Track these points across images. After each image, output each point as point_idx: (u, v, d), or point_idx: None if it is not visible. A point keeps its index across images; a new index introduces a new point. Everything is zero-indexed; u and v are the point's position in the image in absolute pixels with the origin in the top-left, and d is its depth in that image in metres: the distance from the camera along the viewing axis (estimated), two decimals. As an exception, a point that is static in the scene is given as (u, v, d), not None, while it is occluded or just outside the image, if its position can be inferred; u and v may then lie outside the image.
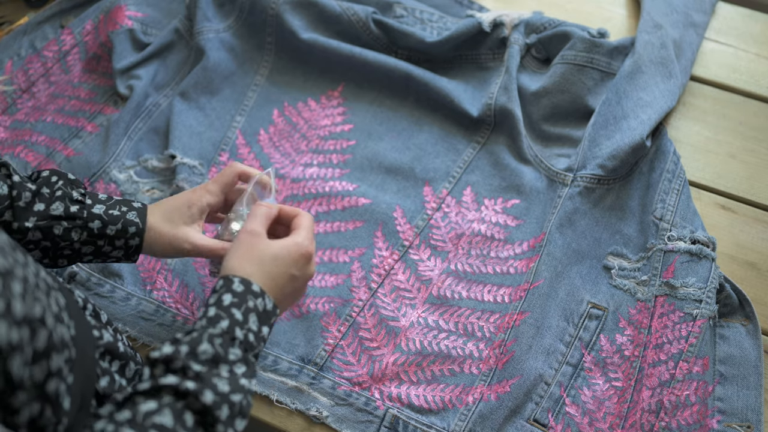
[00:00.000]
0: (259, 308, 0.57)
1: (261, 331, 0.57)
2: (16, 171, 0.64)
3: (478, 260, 0.83)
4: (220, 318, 0.55)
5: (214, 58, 0.98)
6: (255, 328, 0.56)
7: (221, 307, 0.56)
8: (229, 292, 0.57)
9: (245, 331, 0.55)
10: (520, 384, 0.72)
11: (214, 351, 0.52)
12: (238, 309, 0.56)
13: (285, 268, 0.61)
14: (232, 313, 0.56)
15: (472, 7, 1.06)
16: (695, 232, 0.79)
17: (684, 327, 0.73)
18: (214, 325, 0.54)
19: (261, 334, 0.57)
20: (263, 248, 0.61)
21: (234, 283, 0.58)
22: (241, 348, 0.55)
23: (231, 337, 0.54)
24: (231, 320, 0.55)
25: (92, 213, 0.64)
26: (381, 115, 0.97)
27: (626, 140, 0.84)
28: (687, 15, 0.99)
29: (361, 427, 0.71)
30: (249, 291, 0.58)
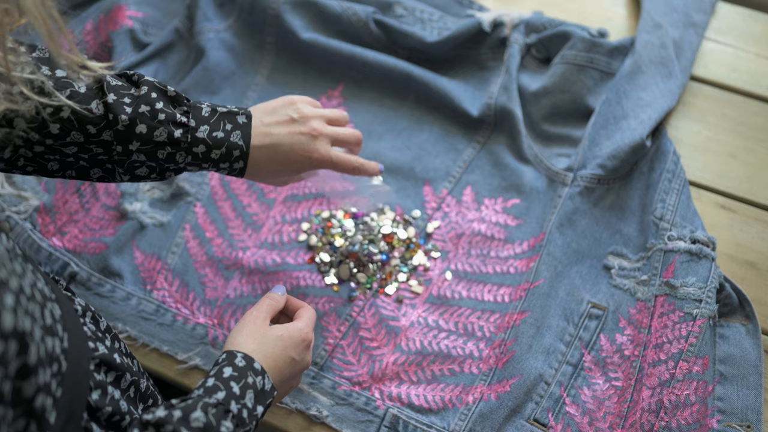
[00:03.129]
0: (257, 386, 0.57)
1: (255, 409, 0.57)
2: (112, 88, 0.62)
3: (478, 260, 0.83)
4: (218, 389, 0.55)
5: (215, 58, 0.98)
6: (250, 405, 0.56)
7: (220, 379, 0.56)
8: (230, 365, 0.57)
9: (240, 406, 0.55)
10: (521, 384, 0.72)
11: (207, 420, 0.52)
12: (236, 383, 0.56)
13: (286, 351, 0.61)
14: (230, 386, 0.55)
15: (472, 7, 1.06)
16: (695, 231, 0.79)
17: (684, 327, 0.73)
18: (210, 395, 0.54)
19: (255, 413, 0.57)
20: (267, 330, 0.62)
21: (237, 357, 0.58)
22: (233, 422, 0.54)
23: (225, 409, 0.54)
24: (228, 393, 0.55)
25: (196, 137, 0.64)
26: (381, 115, 0.97)
27: (626, 140, 0.84)
28: (687, 15, 0.99)
29: (361, 426, 0.71)
30: (250, 367, 0.58)
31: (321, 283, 0.82)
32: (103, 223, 0.87)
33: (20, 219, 0.85)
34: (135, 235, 0.85)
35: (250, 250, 0.85)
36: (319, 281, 0.82)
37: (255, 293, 0.81)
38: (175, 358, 0.77)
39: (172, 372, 0.76)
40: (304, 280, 0.82)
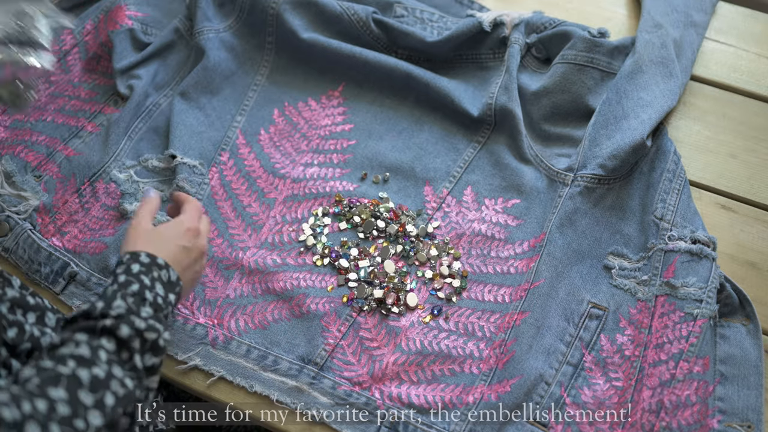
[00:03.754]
0: (163, 278, 0.64)
1: (168, 297, 0.64)
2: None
3: (478, 260, 0.83)
4: (131, 283, 0.61)
5: (215, 58, 0.98)
6: (162, 293, 0.63)
7: (131, 275, 0.62)
8: (137, 263, 0.63)
9: (153, 294, 0.62)
10: (521, 384, 0.72)
11: (127, 306, 0.59)
12: (146, 276, 0.63)
13: (175, 242, 0.68)
14: (141, 279, 0.62)
15: (472, 7, 1.06)
16: (696, 231, 0.79)
17: (684, 327, 0.73)
18: (126, 288, 0.61)
19: (168, 299, 0.64)
20: (152, 231, 0.68)
21: (141, 255, 0.64)
22: (152, 308, 0.61)
23: (142, 297, 0.61)
24: (141, 285, 0.62)
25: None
26: (381, 115, 0.97)
27: (627, 140, 0.84)
28: (687, 15, 0.99)
29: (361, 427, 0.71)
30: (154, 263, 0.64)
31: (321, 284, 0.82)
32: (102, 223, 0.87)
33: (20, 219, 0.85)
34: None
35: (250, 250, 0.85)
36: (319, 281, 0.82)
37: (255, 293, 0.81)
38: (175, 358, 0.76)
39: (172, 372, 0.76)
40: (305, 281, 0.82)
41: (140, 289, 0.61)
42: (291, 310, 0.80)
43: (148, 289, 0.62)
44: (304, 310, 0.79)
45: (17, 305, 0.61)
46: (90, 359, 0.53)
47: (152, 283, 0.63)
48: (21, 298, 0.62)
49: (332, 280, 0.82)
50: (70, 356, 0.53)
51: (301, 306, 0.80)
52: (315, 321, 0.78)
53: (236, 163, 0.93)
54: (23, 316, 0.61)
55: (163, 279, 0.64)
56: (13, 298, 0.61)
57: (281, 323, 0.79)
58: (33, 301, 0.64)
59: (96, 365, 0.53)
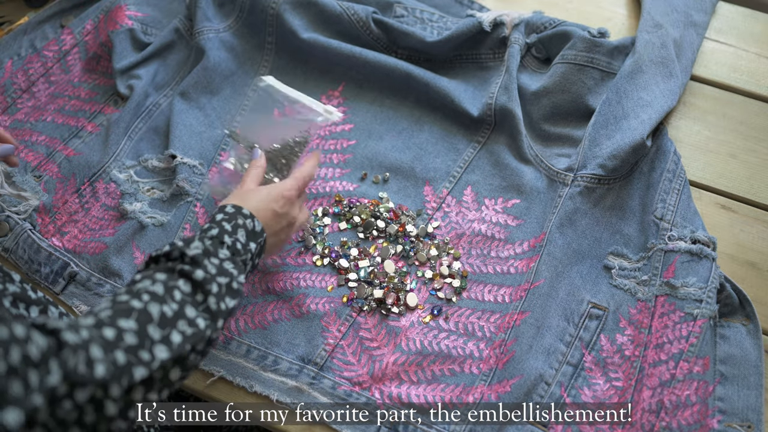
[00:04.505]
0: (248, 227, 0.66)
1: (248, 245, 0.66)
2: None
3: (478, 260, 0.83)
4: (212, 227, 0.65)
5: (215, 58, 0.98)
6: (243, 240, 0.65)
7: (213, 222, 0.65)
8: (221, 212, 0.67)
9: (233, 239, 0.64)
10: (521, 384, 0.72)
11: (204, 247, 0.61)
12: (228, 223, 0.65)
13: (267, 204, 0.69)
14: (222, 225, 0.65)
15: (472, 7, 1.06)
16: (696, 231, 0.79)
17: (684, 327, 0.73)
18: (206, 232, 0.64)
19: (248, 247, 0.65)
20: (249, 190, 0.71)
21: (226, 207, 0.67)
22: (230, 251, 0.63)
23: (220, 240, 0.63)
24: (221, 229, 0.64)
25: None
26: (381, 115, 0.97)
27: (627, 140, 0.84)
28: (687, 14, 0.99)
29: (361, 427, 0.71)
30: (239, 213, 0.67)
31: (321, 284, 0.82)
32: (102, 223, 0.87)
33: (20, 219, 0.85)
34: (135, 235, 0.85)
35: (250, 250, 0.85)
36: (319, 281, 0.82)
37: (255, 293, 0.81)
38: (175, 358, 0.76)
39: (172, 372, 0.76)
40: (305, 281, 0.82)
41: (219, 233, 0.64)
42: (291, 310, 0.80)
43: (228, 234, 0.64)
44: (304, 310, 0.79)
45: (20, 299, 0.62)
46: (162, 297, 0.56)
47: (234, 229, 0.65)
48: (22, 293, 0.63)
49: (332, 280, 0.82)
50: (145, 291, 0.56)
51: (301, 306, 0.79)
52: (315, 321, 0.78)
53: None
54: (26, 310, 0.62)
55: (247, 227, 0.66)
56: (14, 292, 0.62)
57: (281, 323, 0.79)
58: (35, 296, 0.64)
59: (167, 303, 0.55)
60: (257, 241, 0.67)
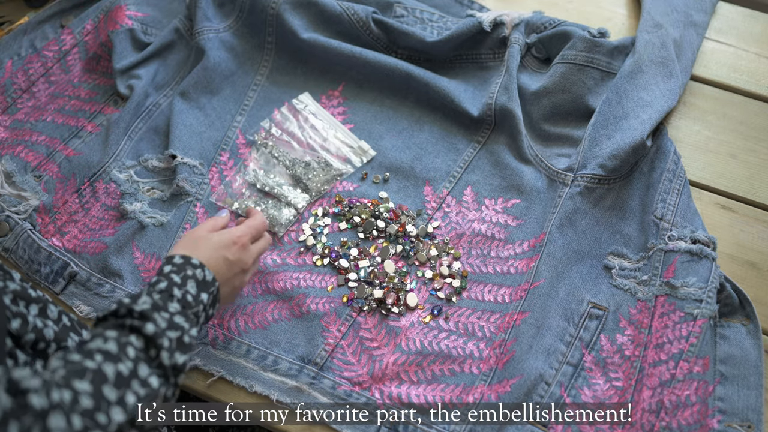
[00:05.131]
0: (198, 277, 0.64)
1: (200, 296, 0.63)
2: None
3: (478, 260, 0.83)
4: (160, 281, 0.62)
5: (215, 58, 0.98)
6: (194, 291, 0.63)
7: (161, 274, 0.63)
8: (169, 264, 0.64)
9: (183, 292, 0.62)
10: (521, 384, 0.72)
11: (153, 302, 0.59)
12: (176, 275, 0.63)
13: (218, 252, 0.67)
14: (171, 278, 0.63)
15: (472, 7, 1.06)
16: (696, 231, 0.79)
17: (684, 327, 0.73)
18: (154, 286, 0.62)
19: (200, 298, 0.63)
20: (199, 237, 0.69)
21: (174, 257, 0.65)
22: (180, 304, 0.61)
23: (169, 294, 0.61)
24: (169, 282, 0.62)
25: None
26: (381, 115, 0.97)
27: (627, 140, 0.84)
28: (687, 14, 0.99)
29: (361, 427, 0.71)
30: (188, 263, 0.65)
31: (321, 284, 0.82)
32: (102, 223, 0.87)
33: (20, 219, 0.85)
34: (135, 235, 0.85)
35: (250, 250, 0.85)
36: (319, 281, 0.82)
37: (255, 293, 0.81)
38: (175, 358, 0.76)
39: (172, 372, 0.76)
40: (305, 281, 0.82)
41: (168, 287, 0.62)
42: (291, 310, 0.80)
43: (177, 287, 0.62)
44: (304, 310, 0.79)
45: (19, 297, 0.62)
46: (116, 355, 0.54)
47: (183, 281, 0.63)
48: (23, 291, 0.63)
49: (332, 280, 0.82)
50: (98, 351, 0.53)
51: (301, 306, 0.80)
52: (315, 321, 0.78)
53: (236, 163, 0.93)
54: (26, 308, 0.62)
55: (197, 277, 0.64)
56: (15, 290, 0.62)
57: (281, 323, 0.79)
58: (35, 294, 0.64)
59: (122, 361, 0.54)
60: (209, 291, 0.65)
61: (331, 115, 0.97)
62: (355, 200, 0.88)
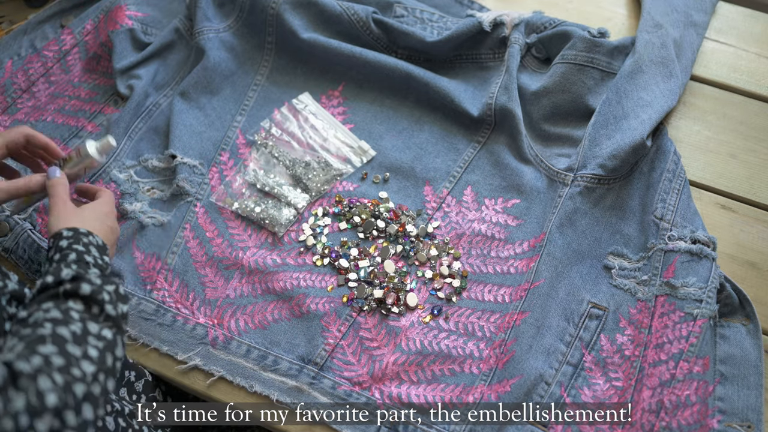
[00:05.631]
0: (94, 242, 0.66)
1: (104, 259, 0.65)
2: None
3: (478, 260, 0.83)
4: (67, 255, 0.63)
5: (215, 58, 0.98)
6: (99, 255, 0.65)
7: (62, 250, 0.63)
8: (62, 239, 0.65)
9: (93, 258, 0.64)
10: (521, 384, 0.72)
11: (75, 271, 0.60)
12: (77, 245, 0.64)
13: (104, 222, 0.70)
14: (75, 248, 0.64)
15: (472, 7, 1.06)
16: (696, 231, 0.79)
17: (684, 327, 0.73)
18: (65, 259, 0.62)
19: (106, 262, 0.65)
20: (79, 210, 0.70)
21: (62, 233, 0.66)
22: (97, 269, 0.63)
23: (84, 261, 0.63)
24: (77, 253, 0.63)
25: None
26: (381, 115, 0.97)
27: (627, 140, 0.84)
28: (687, 14, 0.99)
29: (361, 427, 0.71)
30: (78, 233, 0.66)
31: (321, 284, 0.82)
32: (103, 223, 0.87)
33: (20, 219, 0.85)
34: (135, 235, 0.85)
35: (250, 250, 0.85)
36: (319, 281, 0.82)
37: (255, 293, 0.81)
38: (175, 358, 0.76)
39: (172, 372, 0.76)
40: (305, 281, 0.82)
41: (78, 256, 0.63)
42: (291, 310, 0.80)
43: (86, 254, 0.64)
44: (304, 310, 0.79)
45: (15, 298, 0.62)
46: (63, 320, 0.54)
47: (86, 248, 0.64)
48: (20, 290, 0.63)
49: (332, 280, 0.82)
50: (44, 319, 0.54)
51: (301, 306, 0.80)
52: (315, 321, 0.78)
53: (236, 163, 0.93)
54: (18, 308, 0.61)
55: (94, 243, 0.66)
56: (12, 291, 0.62)
57: (281, 323, 0.79)
58: (29, 295, 0.64)
59: (71, 323, 0.54)
60: (106, 253, 0.67)
61: (331, 115, 0.97)
62: (355, 200, 0.88)
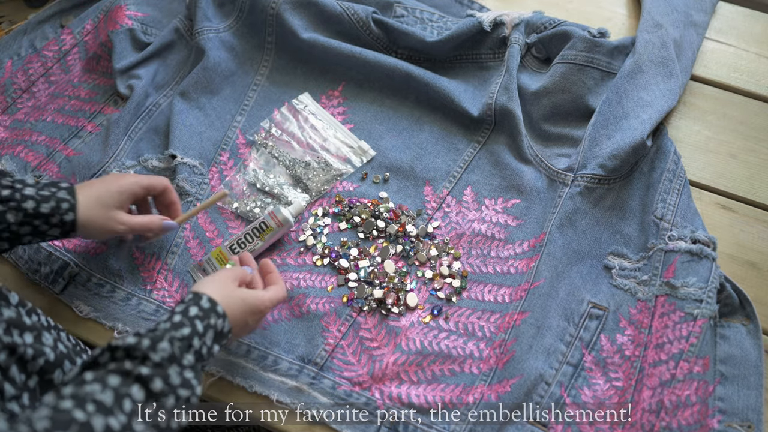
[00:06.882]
0: (218, 327, 0.64)
1: (213, 348, 0.63)
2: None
3: (478, 260, 0.83)
4: (183, 325, 0.61)
5: (215, 58, 0.98)
6: (209, 343, 0.62)
7: (186, 317, 0.62)
8: (196, 305, 0.63)
9: (201, 343, 0.61)
10: (521, 384, 0.72)
11: (172, 351, 0.58)
12: (201, 322, 0.62)
13: (244, 315, 0.67)
14: (195, 324, 0.61)
15: (472, 7, 1.06)
16: (696, 231, 0.79)
17: (685, 327, 0.73)
18: (177, 329, 0.60)
19: (212, 351, 0.63)
20: (234, 289, 0.68)
21: (203, 299, 0.64)
22: (194, 356, 0.60)
23: (189, 344, 0.60)
24: (192, 330, 0.61)
25: (24, 194, 0.67)
26: (381, 115, 0.97)
27: (627, 140, 0.84)
28: (687, 14, 0.99)
29: (361, 427, 0.71)
30: (213, 310, 0.64)
31: (321, 284, 0.82)
32: (102, 223, 0.87)
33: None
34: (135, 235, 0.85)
35: (250, 250, 0.85)
36: (319, 281, 0.82)
37: (255, 293, 0.81)
38: (175, 358, 0.76)
39: (172, 372, 0.76)
40: (305, 281, 0.82)
41: (190, 335, 0.60)
42: (291, 310, 0.80)
43: (198, 336, 0.61)
44: (304, 310, 0.79)
45: (14, 326, 0.59)
46: (110, 408, 0.51)
47: (204, 330, 0.62)
48: (17, 318, 0.61)
49: (332, 280, 0.82)
50: (92, 400, 0.51)
51: (301, 306, 0.80)
52: (315, 321, 0.78)
53: (236, 163, 0.93)
54: (20, 337, 0.60)
55: (217, 328, 0.63)
56: (9, 318, 0.60)
57: (281, 323, 0.79)
58: (29, 321, 0.62)
59: (114, 415, 0.51)
60: (221, 343, 0.65)
61: (331, 115, 0.97)
62: (355, 200, 0.88)
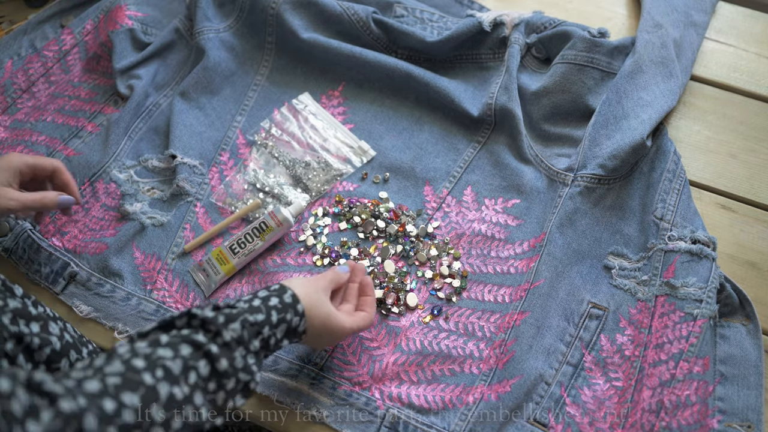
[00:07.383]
0: (292, 324, 0.63)
1: (281, 342, 0.63)
2: None
3: (478, 260, 0.83)
4: (259, 311, 0.61)
5: (215, 58, 0.98)
6: (279, 336, 0.63)
7: (266, 304, 0.62)
8: (278, 297, 0.64)
9: (271, 333, 0.62)
10: (521, 384, 0.72)
11: (241, 334, 0.58)
12: (277, 314, 0.62)
13: (323, 330, 0.66)
14: (270, 314, 0.62)
15: (472, 7, 1.06)
16: (696, 231, 0.79)
17: (684, 327, 0.73)
18: (252, 313, 0.61)
19: (280, 344, 0.63)
20: (323, 300, 0.67)
21: (287, 293, 0.64)
22: (261, 344, 0.61)
23: (258, 330, 0.60)
24: (266, 319, 0.61)
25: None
26: (381, 115, 0.97)
27: (627, 140, 0.84)
28: (687, 14, 0.99)
29: (361, 427, 0.71)
30: (293, 307, 0.64)
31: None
32: (103, 223, 0.87)
33: (20, 219, 0.85)
34: (135, 235, 0.85)
35: (250, 250, 0.85)
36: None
37: (255, 293, 0.81)
38: (175, 358, 0.76)
39: (172, 372, 0.76)
40: (304, 280, 0.82)
41: (263, 322, 0.61)
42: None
43: (270, 326, 0.61)
44: (304, 310, 0.79)
45: (19, 315, 0.61)
46: (177, 377, 0.52)
47: (278, 323, 0.62)
48: (23, 308, 0.62)
49: (332, 280, 0.82)
50: (162, 366, 0.52)
51: (301, 306, 0.79)
52: (315, 321, 0.78)
53: (236, 163, 0.93)
54: (27, 326, 0.61)
55: (291, 324, 0.63)
56: (15, 308, 0.61)
57: (281, 323, 0.79)
58: (35, 311, 0.63)
59: (179, 385, 0.52)
60: (292, 340, 0.65)
61: (331, 115, 0.97)
62: (355, 200, 0.88)
